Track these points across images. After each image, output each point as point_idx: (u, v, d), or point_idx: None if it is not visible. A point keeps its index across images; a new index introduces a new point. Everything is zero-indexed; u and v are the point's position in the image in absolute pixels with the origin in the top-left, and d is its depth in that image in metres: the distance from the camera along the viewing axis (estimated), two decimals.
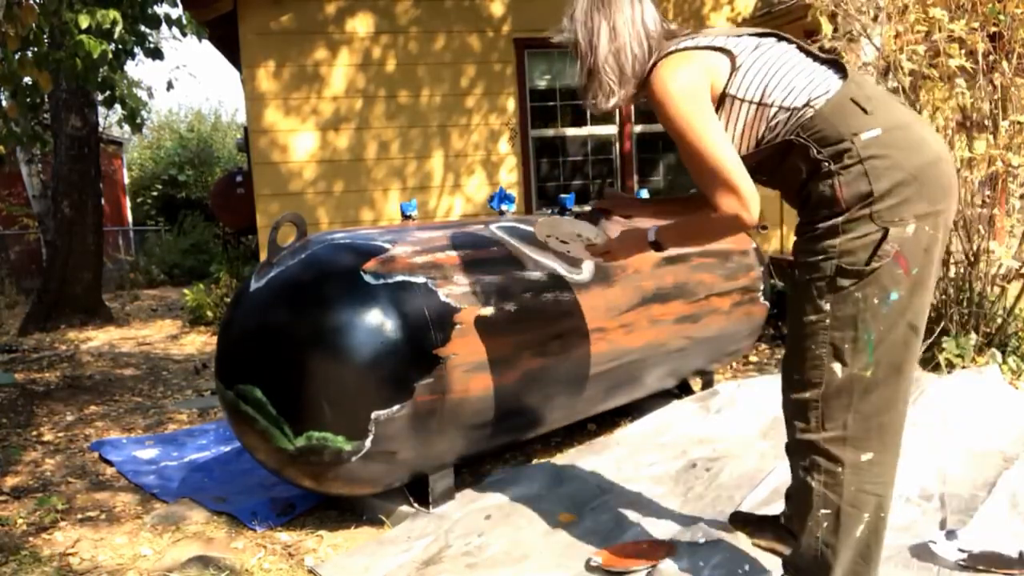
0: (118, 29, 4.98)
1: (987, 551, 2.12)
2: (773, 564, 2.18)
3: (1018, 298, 4.27)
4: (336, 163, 6.62)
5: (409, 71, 6.71)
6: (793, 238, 1.88)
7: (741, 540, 2.31)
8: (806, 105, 1.77)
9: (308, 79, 6.53)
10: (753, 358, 4.86)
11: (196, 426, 4.15)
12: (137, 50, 6.12)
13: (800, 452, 1.84)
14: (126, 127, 9.31)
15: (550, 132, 7.15)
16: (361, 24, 6.60)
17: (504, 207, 3.42)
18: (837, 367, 1.76)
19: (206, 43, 8.44)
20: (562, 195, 3.56)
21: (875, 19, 4.37)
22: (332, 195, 6.62)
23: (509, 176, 6.97)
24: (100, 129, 9.52)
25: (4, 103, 6.00)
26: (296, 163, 6.56)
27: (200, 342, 7.07)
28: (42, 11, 4.53)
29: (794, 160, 1.79)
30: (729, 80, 1.83)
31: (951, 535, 2.19)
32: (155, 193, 19.27)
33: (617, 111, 7.15)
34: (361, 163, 6.68)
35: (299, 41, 6.49)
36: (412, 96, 6.73)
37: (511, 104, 6.91)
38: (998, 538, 2.21)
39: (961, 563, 2.10)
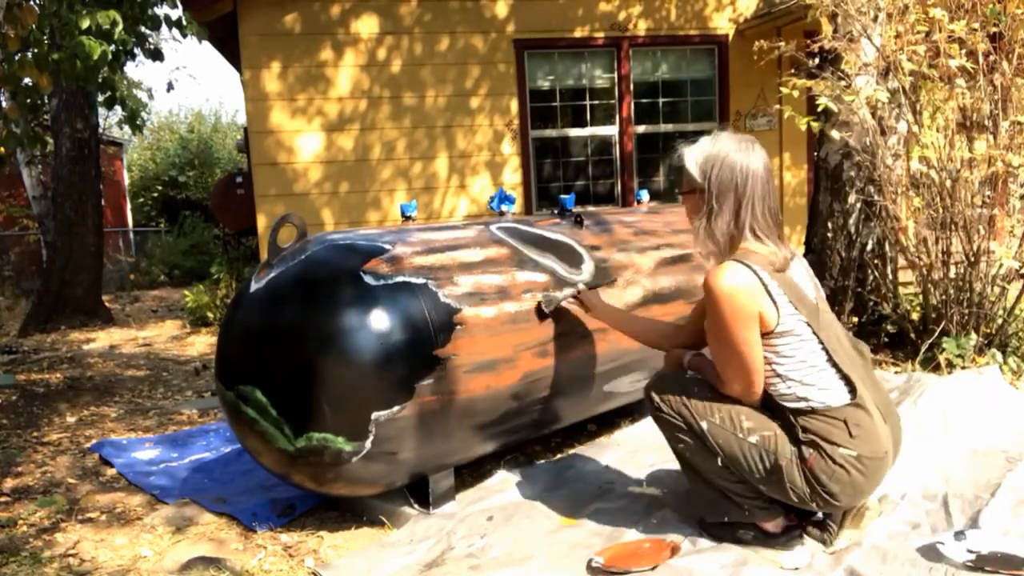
0: (118, 30, 4.98)
1: (996, 552, 2.11)
2: (775, 563, 2.18)
3: (1018, 298, 4.27)
4: (341, 164, 6.63)
5: (413, 72, 6.72)
6: None
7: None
8: (809, 406, 2.12)
9: (312, 80, 6.54)
10: None
11: (196, 427, 4.15)
12: (137, 51, 6.13)
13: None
14: (126, 128, 9.32)
15: (551, 133, 7.16)
16: (365, 26, 6.61)
17: (504, 208, 3.41)
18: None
19: (206, 44, 8.44)
20: (562, 196, 3.56)
21: (875, 19, 4.37)
22: (337, 196, 6.62)
23: (514, 176, 6.97)
24: (100, 130, 9.51)
25: (4, 104, 6.00)
26: (301, 164, 6.56)
27: (203, 343, 7.06)
28: (42, 12, 4.53)
29: (785, 420, 2.17)
30: (772, 331, 2.11)
31: (959, 536, 2.18)
32: (155, 194, 19.29)
33: (617, 112, 7.17)
34: (366, 164, 6.68)
35: (302, 42, 6.49)
36: (417, 97, 6.74)
37: (514, 105, 6.91)
38: (1007, 539, 2.21)
39: (969, 564, 2.09)
